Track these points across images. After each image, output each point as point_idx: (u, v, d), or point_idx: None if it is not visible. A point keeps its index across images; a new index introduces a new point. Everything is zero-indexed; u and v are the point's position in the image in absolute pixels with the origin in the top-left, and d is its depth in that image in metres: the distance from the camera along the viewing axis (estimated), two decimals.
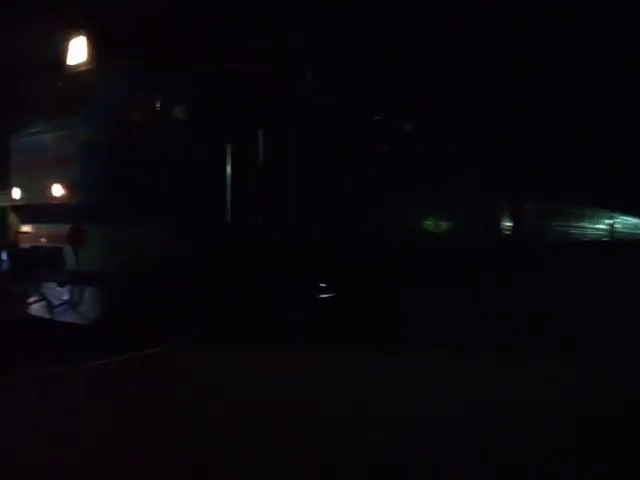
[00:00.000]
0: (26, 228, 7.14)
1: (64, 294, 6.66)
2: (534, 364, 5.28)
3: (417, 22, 15.70)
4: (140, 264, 6.68)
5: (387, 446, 3.44)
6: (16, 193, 7.00)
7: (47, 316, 6.76)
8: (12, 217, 7.68)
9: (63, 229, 6.46)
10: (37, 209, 6.78)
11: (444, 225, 14.06)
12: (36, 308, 6.94)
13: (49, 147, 6.59)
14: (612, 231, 38.93)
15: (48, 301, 6.74)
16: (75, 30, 6.91)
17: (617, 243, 37.70)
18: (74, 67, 7.01)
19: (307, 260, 8.57)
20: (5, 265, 6.49)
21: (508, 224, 18.37)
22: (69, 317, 6.64)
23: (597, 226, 35.47)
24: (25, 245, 7.05)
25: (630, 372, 5.08)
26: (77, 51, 6.97)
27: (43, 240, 6.86)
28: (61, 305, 6.67)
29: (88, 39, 6.84)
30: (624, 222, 43.99)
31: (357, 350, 5.82)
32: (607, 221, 38.42)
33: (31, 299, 6.98)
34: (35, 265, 6.57)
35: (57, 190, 6.41)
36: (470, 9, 17.20)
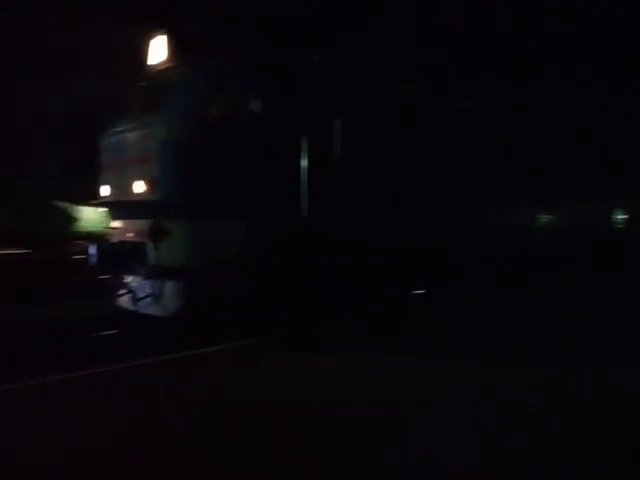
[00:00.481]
0: (115, 224, 7.47)
1: (148, 288, 6.90)
2: None
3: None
4: (218, 259, 6.76)
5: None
6: (105, 190, 7.33)
7: (132, 309, 7.04)
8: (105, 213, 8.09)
9: (145, 225, 6.67)
10: (123, 205, 7.06)
11: (548, 220, 12.92)
12: (123, 300, 7.25)
13: (132, 145, 6.82)
14: None
15: (133, 294, 7.01)
16: (156, 30, 7.08)
17: None
18: (155, 66, 7.20)
19: (386, 256, 8.26)
20: (94, 259, 6.81)
21: (620, 218, 16.29)
22: (152, 310, 6.87)
23: None
24: (114, 240, 7.38)
25: None
26: (158, 50, 7.14)
27: (129, 235, 7.13)
28: (144, 298, 6.91)
29: (168, 38, 6.98)
30: None
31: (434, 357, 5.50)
32: None
33: (118, 292, 7.31)
34: (121, 259, 6.84)
35: (139, 187, 6.61)
36: None
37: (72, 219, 19.33)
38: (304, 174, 7.46)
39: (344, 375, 4.93)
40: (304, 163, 7.39)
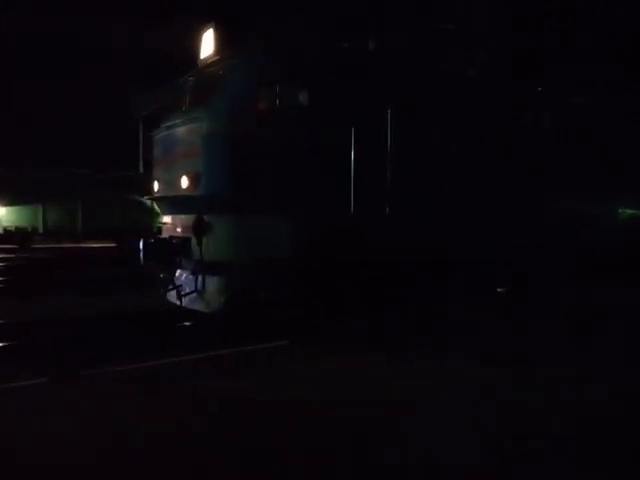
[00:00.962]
0: (165, 219, 7.52)
1: (193, 283, 6.87)
2: None
3: None
4: (261, 256, 6.61)
5: None
6: (156, 185, 7.39)
7: (178, 303, 7.04)
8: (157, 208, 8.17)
9: (190, 220, 6.64)
10: (170, 201, 7.08)
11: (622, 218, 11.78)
12: (171, 295, 7.28)
13: (179, 140, 6.81)
14: None
15: (179, 289, 7.00)
16: (206, 24, 7.03)
17: None
18: (205, 60, 7.16)
19: (447, 257, 7.75)
20: (141, 254, 6.87)
21: None
22: (197, 305, 6.83)
23: None
24: (165, 235, 7.43)
25: None
26: (208, 44, 7.09)
27: (178, 230, 7.14)
28: (190, 293, 6.89)
29: (216, 31, 6.90)
30: None
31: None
32: None
33: (167, 286, 7.34)
34: (167, 254, 6.85)
35: (185, 182, 6.59)
36: None
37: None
38: (353, 168, 7.14)
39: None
40: (353, 155, 7.07)
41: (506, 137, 8.97)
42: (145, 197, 7.43)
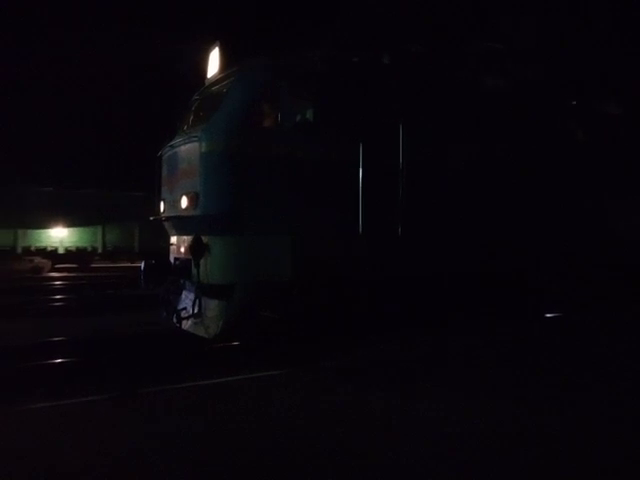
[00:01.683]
0: (172, 240, 7.42)
1: (191, 306, 6.67)
2: None
3: None
4: (262, 279, 6.33)
5: None
6: (162, 206, 7.32)
7: (179, 327, 6.85)
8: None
9: (189, 240, 6.48)
10: (173, 221, 6.96)
11: None
12: (171, 317, 7.10)
13: (180, 159, 6.71)
14: None
15: (180, 312, 6.82)
16: (212, 43, 6.95)
17: None
18: (209, 80, 7.06)
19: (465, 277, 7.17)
20: (143, 275, 6.77)
21: None
22: (196, 330, 6.61)
23: None
24: (171, 256, 7.32)
25: None
26: (214, 63, 7.01)
27: (181, 251, 7.01)
28: (189, 317, 6.68)
29: (220, 50, 6.80)
30: None
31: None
32: None
33: (169, 309, 7.18)
34: (163, 276, 6.72)
35: (184, 202, 6.45)
36: None
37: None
38: (362, 187, 6.76)
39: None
40: (361, 173, 6.69)
41: (541, 152, 8.36)
42: (151, 218, 7.32)
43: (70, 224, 23.20)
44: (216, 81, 6.85)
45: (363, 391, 4.89)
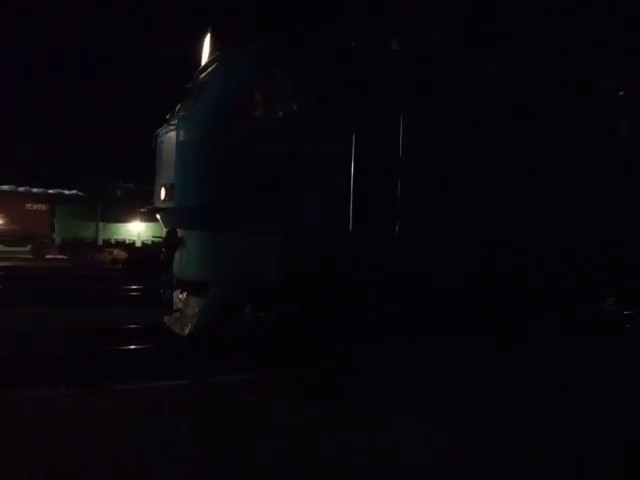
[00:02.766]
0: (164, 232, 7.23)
1: (174, 302, 6.45)
2: None
3: None
4: (240, 276, 5.95)
5: None
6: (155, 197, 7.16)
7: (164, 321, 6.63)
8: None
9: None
10: (156, 213, 6.77)
11: None
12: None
13: (163, 149, 6.50)
14: None
15: (164, 307, 6.62)
16: (205, 31, 6.67)
17: None
18: (199, 68, 6.78)
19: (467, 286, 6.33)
20: (128, 270, 6.66)
21: None
22: (174, 326, 6.36)
23: None
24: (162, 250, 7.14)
25: None
26: (205, 52, 6.72)
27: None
28: (173, 312, 6.45)
29: (211, 38, 6.50)
30: None
31: None
32: None
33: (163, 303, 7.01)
34: (144, 270, 6.54)
35: (162, 193, 6.23)
36: None
37: None
38: (353, 181, 6.15)
39: None
40: (353, 166, 6.09)
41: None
42: (141, 209, 7.19)
43: (147, 219, 24.29)
44: (203, 67, 6.56)
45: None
